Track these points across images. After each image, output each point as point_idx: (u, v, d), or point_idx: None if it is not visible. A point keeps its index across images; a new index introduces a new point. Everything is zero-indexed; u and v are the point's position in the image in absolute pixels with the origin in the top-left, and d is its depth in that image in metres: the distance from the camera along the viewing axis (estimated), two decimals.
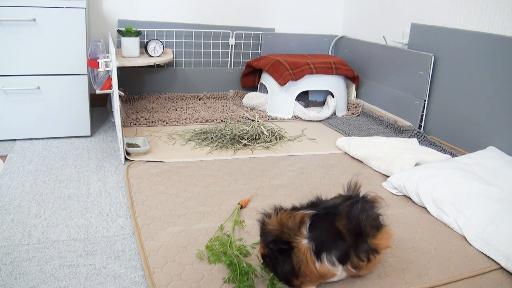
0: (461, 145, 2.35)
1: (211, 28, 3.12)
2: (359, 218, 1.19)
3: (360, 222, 1.19)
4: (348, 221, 1.19)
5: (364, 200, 1.25)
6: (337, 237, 1.18)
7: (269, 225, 1.19)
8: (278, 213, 1.20)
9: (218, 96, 3.21)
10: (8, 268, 1.30)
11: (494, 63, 2.17)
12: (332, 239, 1.18)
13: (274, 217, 1.19)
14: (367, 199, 1.27)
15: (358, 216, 1.20)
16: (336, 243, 1.17)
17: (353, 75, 3.07)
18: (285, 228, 1.16)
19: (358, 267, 1.22)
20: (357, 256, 1.20)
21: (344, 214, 1.20)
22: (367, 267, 1.25)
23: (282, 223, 1.17)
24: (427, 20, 2.64)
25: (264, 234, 1.20)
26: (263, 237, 1.20)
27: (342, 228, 1.18)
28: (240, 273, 1.23)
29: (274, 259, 1.19)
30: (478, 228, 1.51)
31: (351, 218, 1.19)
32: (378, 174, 2.09)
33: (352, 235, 1.19)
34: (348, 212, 1.20)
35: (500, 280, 1.35)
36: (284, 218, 1.18)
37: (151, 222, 1.54)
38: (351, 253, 1.19)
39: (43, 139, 2.33)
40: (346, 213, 1.20)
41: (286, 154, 2.28)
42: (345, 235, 1.18)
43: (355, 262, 1.20)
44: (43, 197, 1.73)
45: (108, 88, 2.21)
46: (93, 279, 1.27)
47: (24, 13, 2.12)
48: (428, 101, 2.58)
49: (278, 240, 1.16)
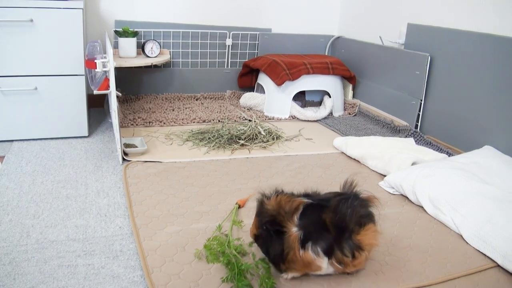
0: (457, 145, 2.37)
1: (208, 28, 3.13)
2: (345, 213, 1.21)
3: (345, 217, 1.20)
4: (334, 215, 1.20)
5: (355, 197, 1.27)
6: (323, 228, 1.20)
7: (267, 205, 1.21)
8: (278, 196, 1.22)
9: (215, 96, 3.22)
10: (6, 269, 1.30)
11: (490, 62, 2.18)
12: (318, 230, 1.20)
13: (274, 199, 1.22)
14: (358, 196, 1.28)
15: (344, 211, 1.21)
16: (322, 235, 1.20)
17: (349, 75, 3.08)
18: (282, 211, 1.19)
19: (343, 262, 1.23)
20: (341, 251, 1.21)
21: (332, 208, 1.22)
22: (354, 264, 1.25)
23: (280, 205, 1.20)
24: (424, 20, 2.65)
25: (261, 213, 1.22)
26: (260, 217, 1.23)
27: (328, 221, 1.20)
28: (238, 272, 1.24)
29: (268, 240, 1.21)
30: (474, 227, 1.52)
31: (338, 212, 1.21)
32: (375, 174, 2.10)
33: (336, 229, 1.20)
34: (336, 207, 1.22)
35: (497, 278, 1.36)
36: (283, 201, 1.20)
37: (149, 222, 1.55)
38: (335, 246, 1.20)
39: (41, 139, 2.33)
40: (334, 207, 1.22)
41: (283, 154, 2.28)
42: (330, 228, 1.20)
43: (340, 257, 1.21)
44: (41, 197, 1.73)
45: (105, 89, 2.21)
46: (92, 279, 1.27)
47: (22, 14, 2.12)
48: (425, 101, 2.59)
49: (274, 221, 1.19)
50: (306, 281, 1.28)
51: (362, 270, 1.34)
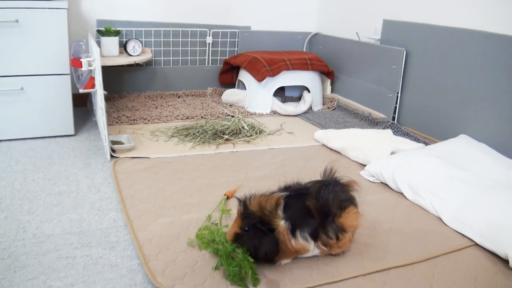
0: (433, 135, 2.47)
1: (188, 26, 3.18)
2: (327, 199, 1.29)
3: (327, 202, 1.29)
4: (317, 201, 1.28)
5: (335, 183, 1.35)
6: (308, 215, 1.28)
7: (251, 206, 1.27)
8: (256, 197, 1.28)
9: (196, 93, 3.27)
10: (6, 262, 1.34)
11: (462, 56, 2.29)
12: (303, 217, 1.27)
13: (254, 201, 1.27)
14: (339, 182, 1.36)
15: (326, 196, 1.29)
16: (308, 221, 1.28)
17: (328, 70, 3.17)
18: (265, 211, 1.26)
19: (328, 245, 1.31)
20: (325, 234, 1.29)
21: (314, 194, 1.30)
22: (338, 246, 1.34)
23: (261, 206, 1.26)
24: (398, 16, 2.75)
25: (248, 215, 1.27)
26: (247, 218, 1.27)
27: (312, 207, 1.28)
28: (226, 256, 1.30)
29: (254, 239, 1.27)
30: (452, 209, 1.62)
31: (320, 198, 1.29)
32: (355, 164, 2.18)
33: (320, 214, 1.28)
34: (317, 193, 1.30)
35: (475, 255, 1.46)
36: (262, 202, 1.27)
37: (142, 215, 1.60)
38: (320, 230, 1.28)
39: (28, 139, 2.35)
40: (316, 194, 1.30)
41: (267, 147, 2.36)
42: (314, 213, 1.28)
43: (325, 239, 1.30)
44: (33, 194, 1.77)
45: (91, 87, 2.25)
46: (91, 269, 1.32)
47: (7, 14, 2.14)
48: (401, 94, 2.69)
49: (262, 222, 1.25)
50: (296, 264, 1.35)
51: (348, 252, 1.43)
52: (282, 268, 1.33)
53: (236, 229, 1.30)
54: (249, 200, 1.29)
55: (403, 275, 1.33)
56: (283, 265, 1.34)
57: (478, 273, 1.36)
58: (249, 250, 1.28)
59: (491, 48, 2.14)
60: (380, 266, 1.36)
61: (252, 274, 1.25)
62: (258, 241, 1.27)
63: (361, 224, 1.57)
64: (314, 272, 1.32)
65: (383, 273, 1.34)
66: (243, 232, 1.28)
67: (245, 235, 1.28)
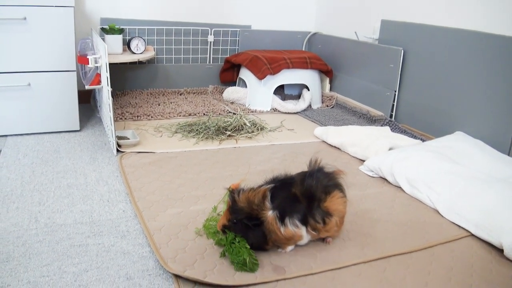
0: (430, 132, 2.54)
1: (190, 25, 3.24)
2: (311, 184, 1.35)
3: (311, 187, 1.35)
4: (301, 187, 1.35)
5: (318, 171, 1.41)
6: (295, 201, 1.34)
7: (239, 202, 1.33)
8: (245, 192, 1.34)
9: (198, 91, 3.33)
10: (21, 250, 1.39)
11: (458, 55, 2.35)
12: (291, 204, 1.34)
13: (242, 197, 1.33)
14: (323, 170, 1.43)
15: (310, 182, 1.35)
16: (295, 207, 1.34)
17: (327, 69, 3.23)
18: (253, 205, 1.31)
19: (316, 229, 1.38)
20: (313, 219, 1.36)
21: (299, 182, 1.36)
22: (325, 230, 1.39)
23: (249, 201, 1.32)
24: (396, 16, 2.82)
25: (236, 211, 1.33)
26: (235, 214, 1.33)
27: (298, 193, 1.34)
28: (228, 245, 1.35)
29: (242, 231, 1.33)
30: (449, 202, 1.69)
31: (304, 184, 1.35)
32: (355, 159, 2.25)
33: (305, 199, 1.35)
34: (302, 180, 1.36)
35: (471, 245, 1.52)
36: (250, 196, 1.32)
37: (151, 206, 1.66)
38: (308, 215, 1.35)
39: (34, 134, 2.41)
40: (301, 181, 1.36)
41: (269, 143, 2.42)
42: (301, 199, 1.34)
43: (313, 224, 1.36)
44: (43, 186, 1.82)
45: (97, 84, 2.30)
46: (103, 256, 1.38)
47: (15, 12, 2.20)
48: (399, 92, 2.76)
49: (249, 217, 1.32)
50: (301, 251, 1.41)
51: (348, 241, 1.49)
52: (288, 255, 1.39)
53: (225, 221, 1.36)
54: (237, 195, 1.34)
55: (402, 262, 1.39)
56: (288, 252, 1.40)
57: (474, 261, 1.43)
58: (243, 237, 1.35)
59: (486, 48, 2.21)
60: (380, 254, 1.42)
61: (250, 260, 1.31)
62: (245, 233, 1.33)
63: (358, 215, 1.66)
64: (318, 259, 1.38)
65: (383, 260, 1.40)
66: (231, 224, 1.35)
67: (232, 227, 1.35)
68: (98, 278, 1.27)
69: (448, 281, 1.32)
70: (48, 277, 1.26)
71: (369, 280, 1.31)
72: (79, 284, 1.24)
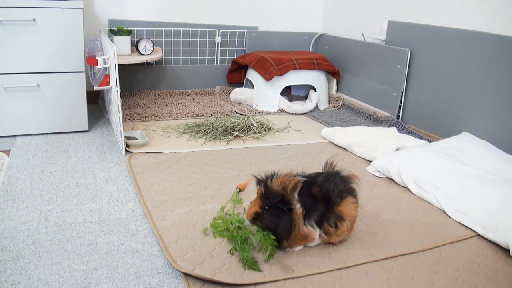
0: (437, 133, 2.54)
1: (198, 27, 3.26)
2: (328, 188, 1.36)
3: (328, 191, 1.35)
4: (320, 189, 1.35)
5: (336, 175, 1.42)
6: (315, 202, 1.35)
7: (273, 185, 1.33)
8: (280, 177, 1.35)
9: (205, 92, 3.34)
10: (31, 248, 1.41)
11: (465, 56, 2.36)
12: (313, 204, 1.35)
13: (277, 180, 1.34)
14: (339, 174, 1.43)
15: (328, 186, 1.36)
16: (316, 208, 1.35)
17: (333, 70, 3.24)
18: (288, 190, 1.32)
19: (328, 233, 1.38)
20: (327, 222, 1.36)
21: (319, 184, 1.37)
22: (337, 234, 1.40)
23: (284, 185, 1.32)
24: (403, 17, 2.83)
25: (270, 195, 1.33)
26: (268, 199, 1.33)
27: (318, 195, 1.35)
28: (240, 242, 1.37)
29: (274, 218, 1.33)
30: (455, 202, 1.69)
31: (323, 187, 1.36)
32: (361, 160, 2.25)
33: (323, 201, 1.35)
34: (322, 182, 1.37)
35: (478, 245, 1.53)
36: (286, 181, 1.33)
37: (159, 205, 1.67)
38: (323, 218, 1.36)
39: (43, 134, 2.43)
40: (321, 183, 1.37)
41: (276, 144, 2.43)
42: (320, 201, 1.35)
43: (326, 227, 1.37)
44: (52, 186, 1.84)
45: (105, 85, 2.32)
46: (113, 254, 1.39)
47: (25, 13, 2.22)
48: (405, 93, 2.76)
49: (283, 200, 1.32)
50: (308, 251, 1.42)
51: (356, 240, 1.50)
52: (296, 254, 1.40)
53: (256, 208, 1.36)
54: (270, 180, 1.35)
55: (409, 262, 1.40)
56: (296, 251, 1.41)
57: (481, 260, 1.43)
58: (267, 228, 1.34)
59: (493, 49, 2.21)
60: (387, 254, 1.43)
61: (271, 250, 1.33)
62: (277, 219, 1.33)
63: (366, 215, 1.67)
64: (326, 258, 1.39)
65: (390, 260, 1.41)
66: (264, 211, 1.34)
67: (265, 214, 1.34)
68: (108, 276, 1.29)
69: (454, 280, 1.33)
70: (58, 275, 1.28)
71: (377, 279, 1.31)
72: (89, 282, 1.26)
